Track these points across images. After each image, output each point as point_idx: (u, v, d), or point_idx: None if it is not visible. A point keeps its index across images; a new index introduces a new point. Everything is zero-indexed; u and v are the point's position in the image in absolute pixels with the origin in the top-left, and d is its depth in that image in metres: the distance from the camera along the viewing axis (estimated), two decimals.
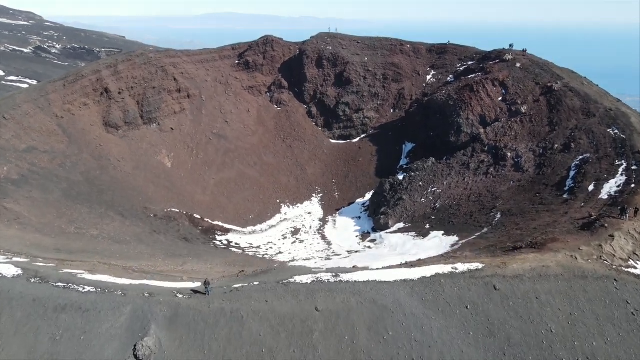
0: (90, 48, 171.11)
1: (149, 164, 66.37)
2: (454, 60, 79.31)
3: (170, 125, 72.78)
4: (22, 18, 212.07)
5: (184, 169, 68.71)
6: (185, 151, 70.95)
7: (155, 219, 58.12)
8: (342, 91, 78.73)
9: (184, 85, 76.54)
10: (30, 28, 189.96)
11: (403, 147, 71.14)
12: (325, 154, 75.42)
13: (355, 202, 66.13)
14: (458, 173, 56.09)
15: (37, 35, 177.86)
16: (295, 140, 76.79)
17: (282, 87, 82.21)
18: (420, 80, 79.19)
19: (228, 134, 75.26)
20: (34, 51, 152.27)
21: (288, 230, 63.42)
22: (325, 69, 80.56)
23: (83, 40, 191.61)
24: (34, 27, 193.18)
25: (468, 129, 59.89)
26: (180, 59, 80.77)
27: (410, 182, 58.11)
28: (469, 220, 47.39)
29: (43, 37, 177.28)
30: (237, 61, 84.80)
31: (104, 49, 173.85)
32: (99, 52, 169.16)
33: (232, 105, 79.47)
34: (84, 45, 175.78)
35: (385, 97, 78.50)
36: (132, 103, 70.35)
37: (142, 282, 26.05)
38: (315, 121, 79.45)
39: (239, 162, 72.30)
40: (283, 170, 72.96)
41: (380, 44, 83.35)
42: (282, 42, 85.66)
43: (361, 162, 72.00)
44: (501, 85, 61.50)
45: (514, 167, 51.53)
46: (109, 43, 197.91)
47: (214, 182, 68.55)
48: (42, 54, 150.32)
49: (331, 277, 24.65)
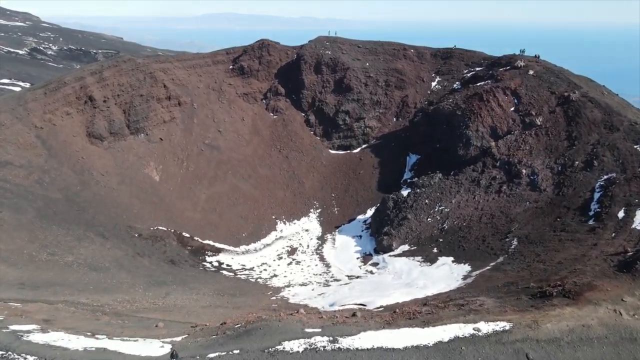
0: (87, 49, 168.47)
1: (135, 178, 62.01)
2: (460, 65, 74.95)
3: (159, 135, 68.42)
4: (19, 19, 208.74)
5: (173, 182, 64.36)
6: (175, 163, 66.58)
7: (139, 239, 53.77)
8: (341, 98, 74.40)
9: (175, 92, 72.22)
10: (26, 29, 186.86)
11: (407, 159, 66.77)
12: (324, 166, 71.05)
13: (356, 218, 61.78)
14: (467, 190, 51.74)
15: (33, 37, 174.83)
16: (292, 151, 72.44)
17: (279, 94, 77.90)
18: (424, 87, 74.82)
19: (221, 144, 70.90)
20: (29, 53, 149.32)
21: (284, 249, 59.07)
22: (324, 74, 76.22)
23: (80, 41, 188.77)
24: (30, 28, 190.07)
25: (478, 141, 55.54)
26: (171, 64, 76.44)
27: (416, 200, 53.75)
28: (481, 245, 43.05)
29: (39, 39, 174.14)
30: (231, 66, 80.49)
31: (101, 51, 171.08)
32: (95, 53, 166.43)
33: (225, 113, 75.12)
34: (80, 46, 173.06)
35: (388, 105, 74.15)
36: (118, 112, 66.01)
37: (99, 346, 21.66)
38: (314, 130, 75.11)
39: (232, 174, 67.93)
40: (279, 183, 68.60)
41: (382, 49, 78.99)
42: (278, 46, 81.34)
43: (362, 174, 67.63)
44: (513, 95, 57.15)
45: (530, 186, 47.15)
46: (106, 44, 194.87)
47: (205, 196, 64.18)
48: (37, 56, 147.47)
49: (328, 343, 20.27)
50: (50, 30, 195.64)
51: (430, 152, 62.88)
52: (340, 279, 48.79)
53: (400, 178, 64.43)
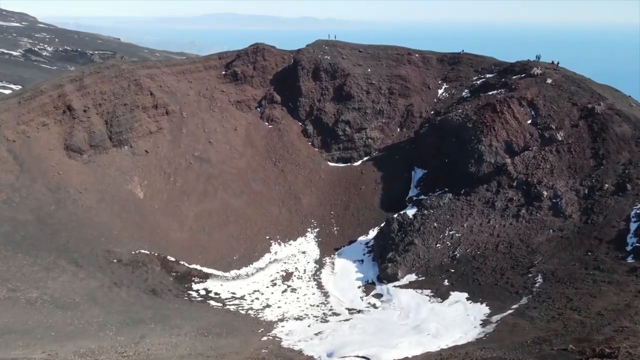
0: (82, 50, 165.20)
1: (117, 195, 56.96)
2: (469, 72, 69.86)
3: (145, 148, 63.36)
4: (15, 19, 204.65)
5: (159, 199, 59.30)
6: (161, 178, 61.52)
7: (118, 266, 48.72)
8: (341, 107, 69.31)
9: (162, 100, 67.16)
10: (21, 30, 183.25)
11: (412, 174, 61.68)
12: (322, 180, 65.96)
13: (357, 240, 56.70)
14: (481, 213, 46.64)
15: (28, 37, 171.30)
16: (289, 164, 67.34)
17: (274, 102, 72.84)
18: (430, 95, 69.73)
19: (211, 157, 65.81)
20: (23, 54, 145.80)
21: (278, 274, 54.02)
22: (323, 81, 71.12)
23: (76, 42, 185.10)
24: (25, 29, 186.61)
25: (491, 157, 50.45)
26: (159, 69, 71.36)
27: (423, 222, 48.65)
28: (499, 280, 37.95)
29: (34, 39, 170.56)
30: (223, 72, 75.42)
31: (97, 52, 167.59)
32: (91, 54, 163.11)
33: (217, 122, 70.04)
34: (76, 47, 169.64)
35: (391, 115, 69.06)
36: (100, 122, 60.97)
37: None
38: (312, 141, 70.01)
39: (223, 190, 62.84)
40: (274, 199, 63.51)
41: (385, 53, 73.89)
42: (274, 51, 76.28)
43: (364, 190, 62.53)
44: (530, 106, 52.08)
45: (553, 211, 42.06)
46: (103, 45, 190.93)
47: (194, 215, 59.11)
48: (32, 57, 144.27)
49: None
50: (46, 31, 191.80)
51: (437, 167, 57.78)
52: (339, 313, 43.80)
53: (406, 195, 59.36)
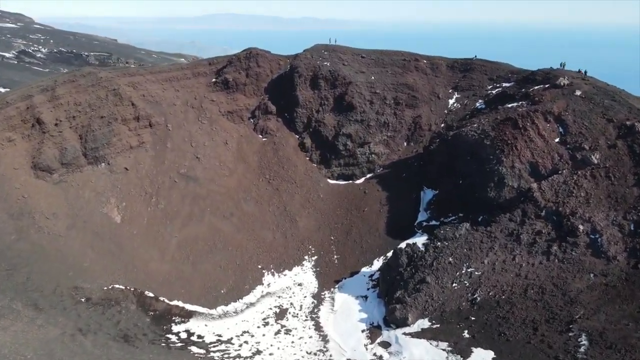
0: (78, 52, 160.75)
1: (90, 220, 50.69)
2: (482, 80, 63.57)
3: (124, 165, 57.09)
4: (11, 20, 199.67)
5: (138, 224, 53.00)
6: (142, 199, 55.24)
7: (86, 306, 42.48)
8: (342, 119, 62.99)
9: (145, 111, 60.88)
10: (16, 31, 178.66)
11: (421, 195, 55.39)
12: (321, 200, 59.64)
13: (360, 271, 50.40)
14: (504, 248, 40.31)
15: (23, 39, 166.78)
16: (284, 181, 61.02)
17: (269, 112, 66.54)
18: (440, 106, 63.43)
19: (199, 174, 59.51)
20: (17, 56, 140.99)
21: (271, 310, 47.72)
22: (322, 90, 64.80)
23: (71, 43, 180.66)
24: (21, 30, 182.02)
25: (514, 181, 44.14)
26: (143, 77, 65.07)
27: (436, 257, 42.32)
28: (532, 337, 31.63)
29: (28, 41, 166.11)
30: (214, 79, 69.13)
31: (93, 53, 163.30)
32: (87, 56, 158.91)
33: (205, 135, 63.73)
34: (71, 48, 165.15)
35: (397, 127, 62.71)
36: (73, 137, 54.70)
37: None
38: (310, 156, 63.70)
39: (211, 212, 56.53)
40: (267, 222, 57.18)
41: (389, 59, 67.57)
42: (269, 56, 69.96)
43: (367, 213, 56.21)
44: (557, 121, 45.77)
45: (592, 250, 35.77)
46: (99, 46, 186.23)
47: (177, 242, 52.82)
48: (25, 59, 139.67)
49: None
50: (41, 32, 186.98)
51: (450, 189, 51.48)
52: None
53: (414, 219, 53.04)
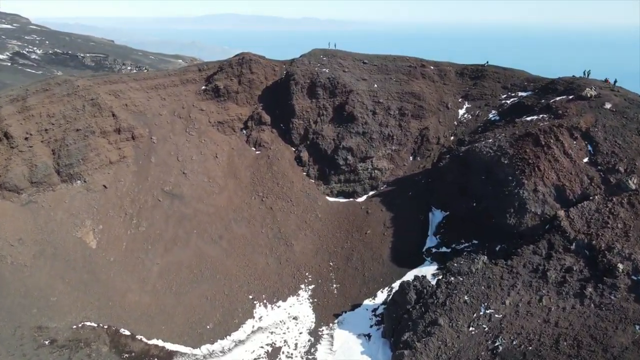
0: (74, 53, 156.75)
1: (61, 246, 45.55)
2: (495, 88, 58.33)
3: (103, 182, 51.93)
4: (6, 21, 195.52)
5: (116, 249, 47.80)
6: (121, 221, 50.04)
7: (50, 350, 37.38)
8: (342, 131, 57.75)
9: (127, 122, 55.75)
10: (11, 32, 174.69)
11: (430, 217, 50.15)
12: (319, 221, 54.40)
13: (363, 304, 45.14)
14: (528, 286, 35.04)
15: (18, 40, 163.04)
16: (279, 199, 55.80)
17: (263, 123, 61.36)
18: (449, 117, 58.17)
19: (185, 192, 54.32)
20: (11, 57, 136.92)
21: (263, 349, 42.46)
22: (321, 99, 59.58)
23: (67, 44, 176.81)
24: (16, 31, 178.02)
25: (537, 207, 38.90)
26: (126, 84, 59.92)
27: (450, 294, 37.05)
28: None
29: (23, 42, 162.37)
30: (203, 87, 63.94)
31: (89, 54, 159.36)
32: (83, 57, 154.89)
33: (193, 148, 58.55)
34: (67, 50, 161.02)
35: (402, 140, 57.45)
36: (45, 153, 49.63)
37: None
38: (307, 171, 58.48)
39: (198, 235, 51.34)
40: (260, 246, 51.96)
41: (393, 65, 62.31)
42: (263, 62, 64.72)
43: (369, 236, 50.97)
44: (585, 138, 40.54)
45: (635, 295, 30.51)
46: (95, 47, 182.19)
47: (159, 269, 47.61)
48: (19, 60, 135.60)
49: None
50: (36, 33, 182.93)
51: (463, 212, 46.20)
52: None
53: (422, 245, 47.79)
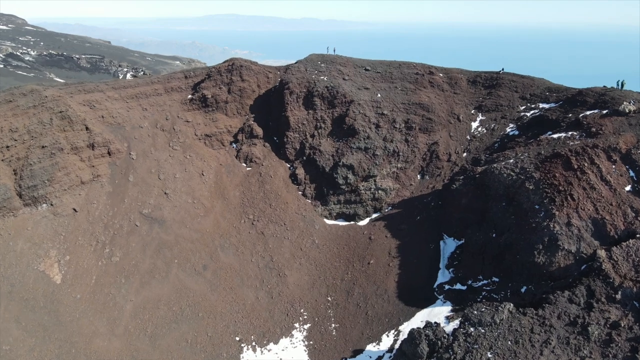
0: (69, 55, 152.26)
1: (19, 283, 39.71)
2: (512, 98, 52.52)
3: (73, 205, 46.11)
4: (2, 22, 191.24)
5: (84, 284, 41.98)
6: (92, 250, 44.23)
7: None
8: (342, 146, 51.94)
9: (102, 136, 49.98)
10: (6, 33, 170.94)
11: (441, 246, 44.32)
12: (316, 248, 48.58)
13: (365, 349, 39.28)
14: (565, 344, 29.17)
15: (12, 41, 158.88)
16: (271, 223, 50.00)
17: (255, 136, 55.59)
18: (461, 130, 52.36)
19: (166, 215, 48.53)
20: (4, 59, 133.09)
21: None
22: (318, 110, 53.79)
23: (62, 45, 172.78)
24: (11, 32, 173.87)
25: (571, 244, 33.07)
26: (103, 94, 54.18)
27: (469, 349, 31.16)
28: None
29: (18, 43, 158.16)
30: (190, 96, 58.18)
31: (84, 56, 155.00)
32: (78, 59, 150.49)
33: (177, 165, 52.78)
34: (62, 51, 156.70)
35: (409, 157, 51.62)
36: (6, 173, 43.76)
37: None
38: (303, 190, 52.68)
39: (179, 265, 45.54)
40: (249, 277, 46.15)
41: (399, 72, 56.50)
42: (255, 68, 58.91)
43: (373, 267, 45.14)
44: (625, 162, 34.72)
45: None
46: (91, 49, 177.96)
47: (133, 307, 41.79)
48: (12, 62, 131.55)
49: None
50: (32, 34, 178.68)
51: (480, 243, 40.28)
52: None
53: (433, 279, 41.93)
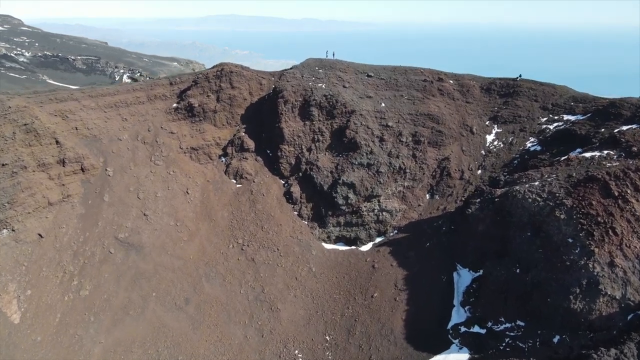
0: (64, 56, 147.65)
1: None
2: (532, 108, 47.24)
3: (38, 230, 40.78)
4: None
5: (46, 324, 36.67)
6: (57, 283, 38.93)
7: None
8: (342, 161, 46.63)
9: (75, 151, 44.75)
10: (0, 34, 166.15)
11: (455, 279, 38.98)
12: (313, 277, 43.27)
13: None
14: None
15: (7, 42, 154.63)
16: (263, 248, 44.70)
17: (246, 149, 50.34)
18: (475, 144, 47.07)
19: (145, 241, 43.23)
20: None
21: None
22: (315, 121, 48.49)
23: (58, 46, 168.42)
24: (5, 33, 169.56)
25: (615, 289, 27.78)
26: (78, 102, 48.91)
27: None
28: None
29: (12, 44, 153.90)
30: (175, 104, 52.95)
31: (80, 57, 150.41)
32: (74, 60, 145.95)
33: (159, 182, 47.50)
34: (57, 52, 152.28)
35: (417, 175, 46.32)
36: None
37: None
38: (299, 210, 47.38)
39: (158, 299, 40.20)
40: (237, 312, 40.79)
41: (405, 79, 51.22)
42: (246, 74, 53.63)
43: (377, 300, 39.82)
44: None
45: None
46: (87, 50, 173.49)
47: (102, 351, 36.43)
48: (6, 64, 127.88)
49: None
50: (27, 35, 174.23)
51: (502, 279, 34.91)
52: None
53: (447, 319, 36.57)
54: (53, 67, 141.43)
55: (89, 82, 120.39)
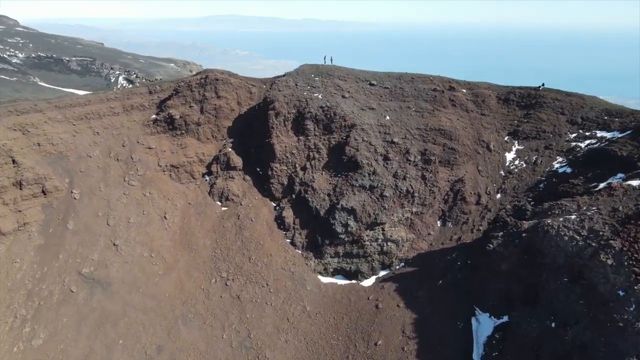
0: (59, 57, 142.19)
1: None
2: (558, 122, 41.49)
3: None
4: None
5: None
6: (6, 330, 33.18)
7: None
8: (341, 182, 40.87)
9: (35, 171, 39.07)
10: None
11: (474, 326, 33.19)
12: (307, 317, 37.49)
13: None
14: None
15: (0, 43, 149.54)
16: (250, 283, 38.95)
17: (232, 168, 44.59)
18: (493, 163, 41.32)
19: (113, 276, 37.48)
20: None
21: None
22: (311, 136, 42.75)
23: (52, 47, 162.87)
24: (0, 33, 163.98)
25: None
26: (42, 114, 43.21)
27: None
28: None
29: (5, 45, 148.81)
30: (154, 115, 47.25)
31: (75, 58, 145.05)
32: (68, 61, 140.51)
33: (133, 205, 41.77)
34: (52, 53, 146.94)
35: (427, 199, 40.57)
36: None
37: None
38: (292, 237, 41.61)
39: (125, 348, 34.42)
40: None
41: (412, 88, 45.45)
42: (234, 82, 47.89)
43: (382, 349, 34.03)
44: None
45: None
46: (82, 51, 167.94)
47: None
48: None
49: None
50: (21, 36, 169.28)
51: (532, 331, 29.08)
52: None
53: None
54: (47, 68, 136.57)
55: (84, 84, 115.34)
